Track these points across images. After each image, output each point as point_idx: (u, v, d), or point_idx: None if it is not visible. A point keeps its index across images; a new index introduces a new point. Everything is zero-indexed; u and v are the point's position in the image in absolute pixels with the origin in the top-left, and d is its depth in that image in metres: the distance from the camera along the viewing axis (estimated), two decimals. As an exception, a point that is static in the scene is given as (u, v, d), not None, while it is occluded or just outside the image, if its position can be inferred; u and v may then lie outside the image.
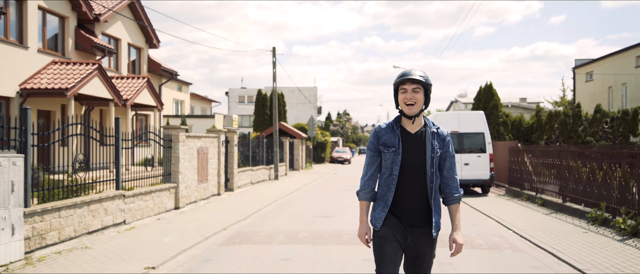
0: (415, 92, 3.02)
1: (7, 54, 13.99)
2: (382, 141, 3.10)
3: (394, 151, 3.04)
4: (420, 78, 3.02)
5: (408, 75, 3.04)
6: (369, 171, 3.13)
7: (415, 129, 3.11)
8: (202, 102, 43.62)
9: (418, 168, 3.03)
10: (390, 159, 3.04)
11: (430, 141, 3.09)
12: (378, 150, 3.10)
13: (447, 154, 3.13)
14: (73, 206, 7.38)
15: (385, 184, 3.08)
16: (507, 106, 38.16)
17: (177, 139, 11.35)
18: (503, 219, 10.06)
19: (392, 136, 3.08)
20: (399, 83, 3.07)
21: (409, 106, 3.00)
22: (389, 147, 3.06)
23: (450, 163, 3.14)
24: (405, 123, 3.13)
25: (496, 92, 24.34)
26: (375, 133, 3.16)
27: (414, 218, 3.03)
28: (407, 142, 3.07)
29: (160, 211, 10.51)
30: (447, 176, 3.14)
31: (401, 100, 3.05)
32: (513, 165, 15.30)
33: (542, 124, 22.39)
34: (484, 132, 15.44)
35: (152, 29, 22.28)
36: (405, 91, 3.03)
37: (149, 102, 19.54)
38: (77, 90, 14.49)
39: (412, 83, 3.02)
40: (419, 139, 3.08)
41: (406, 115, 3.07)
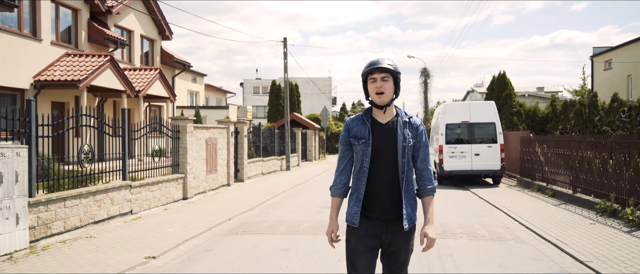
0: (385, 81, 2.98)
1: (21, 46, 14.23)
2: (353, 134, 3.04)
3: (363, 143, 2.99)
4: (389, 66, 2.97)
5: (376, 64, 2.99)
6: (341, 164, 3.09)
7: (387, 119, 3.06)
8: (217, 93, 43.91)
9: (389, 159, 2.97)
10: (361, 151, 2.99)
11: (402, 130, 3.03)
12: (349, 144, 3.06)
13: (420, 144, 3.06)
14: (78, 197, 7.51)
15: (356, 177, 3.03)
16: (523, 95, 37.62)
17: (185, 130, 11.45)
18: (510, 210, 9.96)
19: (362, 128, 3.03)
20: (368, 73, 3.02)
21: (378, 95, 2.96)
22: (359, 139, 3.01)
23: (423, 154, 3.07)
24: (376, 114, 3.08)
25: (510, 82, 23.98)
26: (346, 126, 3.12)
27: (386, 211, 2.97)
28: (378, 133, 3.01)
29: (168, 202, 10.65)
30: (420, 167, 3.07)
31: (371, 90, 3.02)
32: (524, 155, 15.11)
33: (557, 113, 22.03)
34: (495, 122, 15.26)
35: (164, 21, 22.43)
36: (375, 80, 2.99)
37: (162, 94, 19.72)
38: (89, 82, 14.69)
39: (381, 72, 2.98)
40: (390, 129, 3.03)
41: (377, 105, 3.02)
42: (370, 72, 3.01)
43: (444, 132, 15.45)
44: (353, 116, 3.11)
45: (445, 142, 15.35)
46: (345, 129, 3.11)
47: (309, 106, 56.07)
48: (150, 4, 21.30)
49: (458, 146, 15.30)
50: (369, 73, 3.01)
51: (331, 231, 3.03)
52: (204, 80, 35.98)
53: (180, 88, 29.74)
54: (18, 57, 14.07)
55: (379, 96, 2.98)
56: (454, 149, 15.29)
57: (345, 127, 3.13)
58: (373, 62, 3.04)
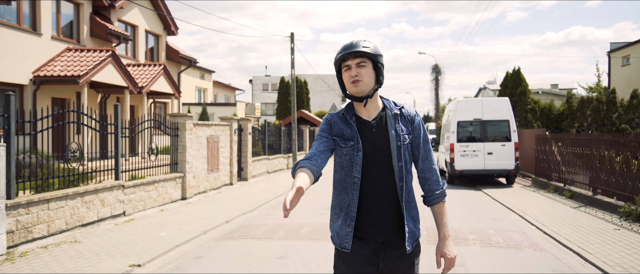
0: (361, 67, 2.39)
1: (21, 41, 13.88)
2: (336, 131, 2.46)
3: (352, 146, 2.40)
4: (365, 49, 2.37)
5: (350, 48, 2.39)
6: (320, 147, 2.43)
7: (372, 114, 2.48)
8: (225, 90, 43.53)
9: (382, 164, 2.39)
10: (348, 156, 2.41)
11: (393, 126, 2.45)
12: (331, 139, 2.48)
13: (419, 139, 2.49)
14: (64, 198, 7.06)
15: (343, 189, 2.44)
16: (537, 92, 36.72)
17: (184, 127, 10.98)
18: (526, 213, 9.36)
19: (346, 127, 2.46)
20: (340, 60, 2.43)
21: (354, 84, 2.38)
22: (346, 139, 2.43)
23: (425, 151, 2.50)
24: (358, 109, 2.50)
25: (524, 78, 23.25)
26: (327, 121, 2.53)
27: (383, 230, 2.38)
28: (366, 134, 2.43)
29: (165, 202, 10.20)
30: (423, 168, 2.50)
31: (345, 79, 2.44)
32: (540, 154, 14.45)
33: (574, 110, 21.26)
34: (508, 119, 14.61)
35: (170, 16, 22.02)
36: (349, 68, 2.41)
37: (166, 90, 19.32)
38: (89, 78, 14.30)
39: (356, 56, 2.39)
40: (378, 126, 2.45)
41: (354, 97, 2.44)
42: (343, 59, 2.42)
43: (455, 130, 14.83)
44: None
45: (457, 140, 14.74)
46: (325, 123, 2.52)
47: (318, 103, 55.54)
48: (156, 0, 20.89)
49: (470, 145, 14.68)
50: (342, 60, 2.43)
51: (289, 200, 1.99)
52: (212, 76, 35.58)
53: (187, 85, 29.37)
54: (17, 52, 13.71)
55: (354, 85, 2.39)
56: (466, 147, 14.67)
57: (325, 120, 2.53)
58: (346, 45, 2.44)
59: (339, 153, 2.45)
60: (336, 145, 2.46)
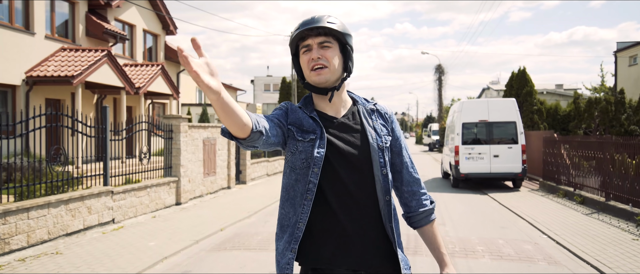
0: (325, 48, 1.85)
1: (13, 40, 13.49)
2: (294, 119, 1.89)
3: (311, 140, 1.84)
4: (330, 24, 1.84)
5: (310, 23, 1.85)
6: (268, 120, 1.86)
7: (340, 111, 1.95)
8: (227, 90, 43.00)
9: (358, 171, 1.85)
10: (305, 154, 1.83)
11: (371, 123, 1.95)
12: (282, 125, 1.87)
13: (400, 143, 1.99)
14: (46, 206, 6.64)
15: (290, 199, 1.87)
16: (542, 92, 36.19)
17: (178, 129, 10.55)
18: (536, 220, 8.89)
19: (307, 119, 1.90)
20: (298, 38, 1.88)
21: (316, 71, 1.84)
22: (304, 131, 1.86)
23: (409, 158, 2.01)
24: (320, 105, 1.95)
25: (530, 78, 22.74)
26: (282, 108, 1.96)
27: (363, 260, 1.82)
28: (333, 130, 1.89)
29: (159, 208, 9.77)
30: (409, 180, 1.98)
31: (304, 65, 1.89)
32: (548, 157, 13.97)
33: (581, 111, 20.75)
34: (515, 121, 14.14)
35: (168, 15, 21.62)
36: (309, 49, 1.87)
37: (164, 91, 18.91)
38: (84, 78, 13.90)
39: (318, 34, 1.84)
40: (350, 124, 1.92)
41: (316, 88, 1.89)
42: (301, 37, 1.87)
43: (460, 131, 14.37)
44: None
45: (462, 142, 14.28)
46: (279, 108, 1.96)
47: (320, 104, 55.05)
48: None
49: (475, 147, 14.22)
50: (300, 38, 1.88)
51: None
52: (212, 77, 35.21)
53: (188, 85, 28.96)
54: (9, 52, 13.32)
55: (316, 73, 1.85)
56: (471, 150, 14.21)
57: (280, 107, 1.98)
58: (305, 21, 1.89)
59: (291, 149, 1.86)
60: (290, 137, 1.87)
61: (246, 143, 1.68)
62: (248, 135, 1.64)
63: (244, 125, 1.60)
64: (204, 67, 1.42)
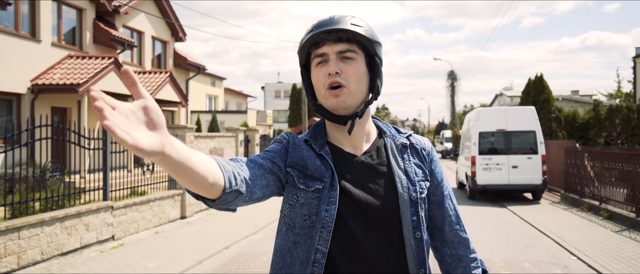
0: (346, 61, 1.37)
1: (18, 47, 13.23)
2: (295, 159, 1.40)
3: (317, 191, 1.35)
4: (355, 27, 1.36)
5: (328, 24, 1.35)
6: (256, 161, 1.34)
7: (362, 145, 1.45)
8: (237, 97, 42.87)
9: (382, 232, 1.35)
10: (309, 208, 1.35)
11: (401, 164, 1.44)
12: (277, 169, 1.35)
13: (441, 190, 1.49)
14: (39, 224, 6.24)
15: (288, 267, 1.36)
16: (557, 99, 35.39)
17: (184, 139, 10.14)
18: (562, 238, 8.32)
19: (314, 159, 1.39)
20: (310, 44, 1.38)
21: (334, 90, 1.35)
22: (309, 176, 1.37)
23: (452, 205, 1.50)
24: (335, 136, 1.46)
25: (548, 85, 22.10)
26: (281, 142, 1.44)
27: None
28: (349, 173, 1.39)
29: (162, 222, 9.35)
30: (453, 240, 1.48)
31: (318, 81, 1.39)
32: (570, 168, 13.34)
33: (601, 119, 20.04)
34: (535, 130, 13.54)
35: (178, 22, 21.36)
36: (325, 60, 1.37)
37: (172, 98, 18.60)
38: (90, 86, 13.59)
39: (338, 41, 1.35)
40: (373, 165, 1.42)
41: (332, 114, 1.40)
42: (314, 43, 1.37)
43: (477, 141, 13.81)
44: (294, 133, 1.49)
45: (479, 152, 13.71)
46: (279, 141, 1.45)
47: (331, 110, 54.62)
48: (162, 4, 20.24)
49: (493, 157, 13.63)
50: (313, 44, 1.38)
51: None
52: (223, 83, 34.95)
53: (198, 92, 28.75)
54: (14, 60, 13.06)
55: (333, 94, 1.35)
56: (488, 160, 13.64)
57: (277, 141, 1.45)
58: (322, 21, 1.38)
59: (290, 199, 1.37)
60: (289, 183, 1.37)
61: (217, 206, 1.19)
62: (218, 196, 1.15)
63: (211, 185, 1.11)
64: (132, 120, 0.90)
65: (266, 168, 1.32)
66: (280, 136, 1.47)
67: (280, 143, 1.43)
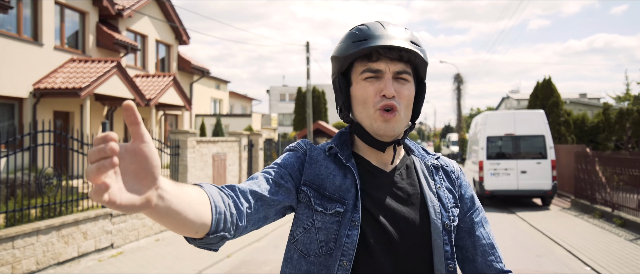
0: (400, 82, 1.24)
1: (20, 51, 13.12)
2: (311, 176, 1.24)
3: (337, 214, 1.19)
4: (415, 47, 1.23)
5: (388, 38, 1.21)
6: (259, 185, 1.17)
7: (391, 160, 1.31)
8: (242, 100, 42.76)
9: (411, 266, 1.20)
10: (326, 235, 1.19)
11: (433, 187, 1.30)
12: (283, 196, 1.19)
13: (469, 213, 1.33)
14: (35, 233, 6.05)
15: None
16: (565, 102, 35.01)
17: (185, 144, 9.96)
18: (574, 247, 8.05)
19: (336, 173, 1.24)
20: (362, 53, 1.22)
21: (386, 113, 1.22)
22: (327, 198, 1.21)
23: (485, 233, 1.32)
24: (363, 146, 1.31)
25: (556, 88, 21.79)
26: (295, 152, 1.29)
27: None
28: (375, 192, 1.24)
29: (163, 229, 9.15)
30: (484, 270, 1.30)
31: (366, 99, 1.24)
32: (580, 173, 13.05)
33: (611, 123, 19.70)
34: (544, 134, 13.27)
35: (182, 25, 21.24)
36: (378, 76, 1.23)
37: (176, 102, 18.47)
38: (92, 90, 13.46)
39: (399, 60, 1.22)
40: (402, 186, 1.27)
41: (370, 136, 1.26)
42: (367, 55, 1.23)
43: (484, 145, 13.55)
44: (304, 142, 1.33)
45: (487, 157, 13.45)
46: (291, 154, 1.29)
47: (336, 114, 54.47)
48: (166, 7, 20.13)
49: (501, 162, 13.37)
50: (365, 56, 1.23)
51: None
52: (228, 87, 34.82)
53: (202, 95, 28.62)
54: (16, 64, 12.94)
55: (385, 117, 1.22)
56: (496, 165, 13.37)
57: (291, 152, 1.30)
58: (378, 33, 1.22)
59: (304, 222, 1.21)
60: (303, 203, 1.22)
61: (196, 245, 1.04)
62: (201, 238, 1.00)
63: (196, 231, 0.97)
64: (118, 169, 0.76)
65: (268, 201, 1.15)
66: (297, 144, 1.31)
67: (295, 154, 1.28)
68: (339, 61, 1.27)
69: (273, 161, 17.87)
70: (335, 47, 1.30)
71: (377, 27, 1.24)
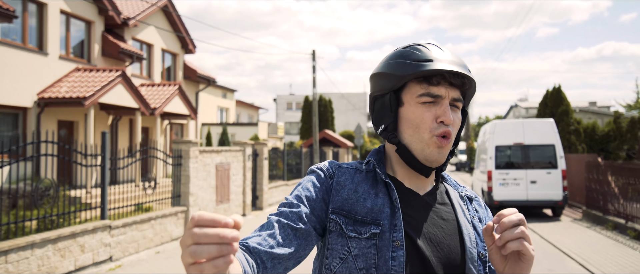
0: (454, 110, 1.22)
1: (25, 61, 13.10)
2: (340, 202, 1.19)
3: (373, 236, 1.15)
4: (471, 74, 1.21)
5: (453, 64, 1.18)
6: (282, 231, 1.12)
7: (424, 185, 1.27)
8: (248, 109, 42.72)
9: None
10: (365, 261, 1.13)
11: (467, 214, 1.26)
12: (309, 227, 1.14)
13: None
14: (30, 247, 5.90)
15: None
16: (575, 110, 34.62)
17: (188, 155, 9.80)
18: (588, 261, 7.77)
19: (366, 195, 1.20)
20: (422, 75, 1.18)
21: (443, 139, 1.18)
22: (359, 223, 1.16)
23: None
24: (397, 167, 1.27)
25: (565, 96, 21.48)
26: (323, 175, 1.24)
27: None
28: (411, 215, 1.19)
29: (164, 241, 8.98)
30: None
31: (421, 121, 1.19)
32: (592, 183, 12.74)
33: (623, 132, 19.35)
34: (554, 144, 12.99)
35: (188, 34, 21.22)
36: (436, 102, 1.20)
37: (181, 111, 18.37)
38: (96, 99, 13.39)
39: (461, 87, 1.21)
40: (438, 210, 1.24)
41: (417, 160, 1.21)
42: (428, 78, 1.19)
43: (493, 155, 13.29)
44: (339, 162, 1.26)
45: (495, 167, 13.18)
46: (315, 178, 1.24)
47: (343, 122, 54.31)
48: (172, 16, 20.12)
49: (510, 172, 13.09)
50: (425, 79, 1.19)
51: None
52: (234, 95, 34.79)
53: (209, 104, 28.58)
54: (20, 73, 12.91)
55: (440, 143, 1.19)
56: (505, 175, 13.09)
57: (315, 175, 1.24)
58: (442, 55, 1.20)
59: (340, 252, 1.15)
60: (334, 232, 1.17)
61: None
62: None
63: None
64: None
65: (287, 256, 1.10)
66: (322, 167, 1.25)
67: (319, 180, 1.22)
68: (392, 79, 1.21)
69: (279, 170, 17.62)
70: (384, 64, 1.24)
71: (436, 49, 1.21)
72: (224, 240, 0.73)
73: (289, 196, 1.20)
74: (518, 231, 1.03)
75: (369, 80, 1.30)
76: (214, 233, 0.73)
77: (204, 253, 0.72)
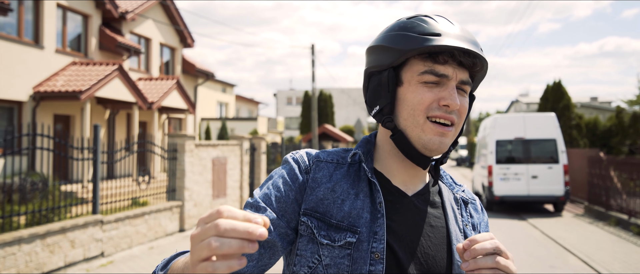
0: (461, 94, 1.04)
1: (20, 54, 12.92)
2: (313, 204, 1.01)
3: (348, 246, 0.99)
4: (482, 54, 1.03)
5: (464, 38, 1.00)
6: None
7: (415, 182, 1.10)
8: (248, 104, 42.54)
9: None
10: (337, 269, 0.97)
11: (459, 220, 1.10)
12: (274, 236, 0.99)
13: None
14: (17, 242, 5.74)
15: None
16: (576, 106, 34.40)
17: (183, 148, 9.64)
18: (591, 258, 7.60)
19: (345, 195, 1.03)
20: (427, 50, 0.99)
21: (443, 126, 1.01)
22: (333, 229, 1.00)
23: None
24: (387, 161, 1.10)
25: (566, 91, 21.28)
26: (296, 172, 1.05)
27: None
28: (395, 220, 1.02)
29: (158, 236, 8.82)
30: None
31: (419, 103, 1.02)
32: (594, 178, 12.57)
33: (625, 127, 19.16)
34: (555, 138, 12.81)
35: (186, 28, 21.03)
36: (440, 83, 1.02)
37: (179, 105, 18.21)
38: (92, 93, 13.23)
39: (472, 67, 1.03)
40: (428, 212, 1.07)
41: (416, 150, 1.04)
42: (433, 55, 1.00)
43: (493, 149, 13.11)
44: (308, 151, 1.09)
45: (496, 161, 13.00)
46: (288, 171, 1.06)
47: (343, 117, 54.15)
48: (170, 10, 19.92)
49: (511, 166, 12.91)
50: (430, 56, 1.01)
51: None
52: (234, 90, 34.61)
53: (208, 99, 28.42)
54: (15, 66, 12.74)
55: (440, 130, 1.02)
56: (506, 169, 12.92)
57: (289, 168, 1.07)
58: (452, 31, 1.01)
59: (310, 260, 1.01)
60: (305, 237, 1.02)
61: None
62: None
63: None
64: None
65: (248, 269, 0.97)
66: (298, 159, 1.08)
67: (292, 175, 1.05)
68: (392, 54, 1.03)
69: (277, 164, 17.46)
70: (383, 36, 1.06)
71: (445, 22, 1.03)
72: (252, 236, 0.67)
73: (257, 192, 1.04)
74: (491, 263, 0.88)
75: (365, 53, 1.12)
76: (243, 227, 0.67)
77: (224, 247, 0.66)
